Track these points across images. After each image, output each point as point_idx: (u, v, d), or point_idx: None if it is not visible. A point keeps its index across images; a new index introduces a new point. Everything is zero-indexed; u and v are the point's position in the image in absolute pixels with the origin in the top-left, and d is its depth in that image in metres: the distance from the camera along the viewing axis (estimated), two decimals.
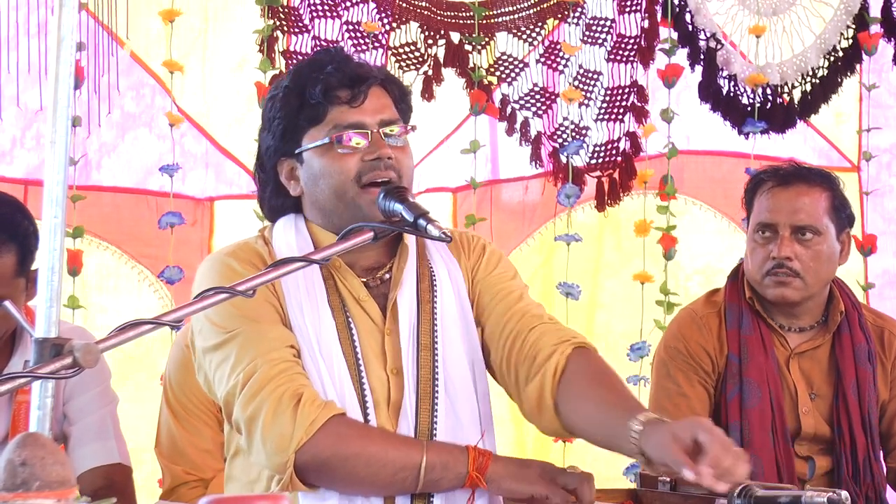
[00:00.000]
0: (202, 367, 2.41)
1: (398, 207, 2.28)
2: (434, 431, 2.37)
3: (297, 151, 2.41)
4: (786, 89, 4.43)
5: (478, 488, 2.31)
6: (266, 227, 2.56)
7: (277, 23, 3.85)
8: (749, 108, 4.36)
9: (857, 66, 4.48)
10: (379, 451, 2.28)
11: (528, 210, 4.30)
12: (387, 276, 2.46)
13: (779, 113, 4.41)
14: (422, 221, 2.22)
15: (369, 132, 2.38)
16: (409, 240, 2.47)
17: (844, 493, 2.29)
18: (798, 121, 4.48)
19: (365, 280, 2.45)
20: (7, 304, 3.00)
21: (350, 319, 2.41)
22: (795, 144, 4.57)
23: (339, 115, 2.38)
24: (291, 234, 2.44)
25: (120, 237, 3.87)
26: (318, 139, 2.39)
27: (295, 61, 3.82)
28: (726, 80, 4.36)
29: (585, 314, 4.32)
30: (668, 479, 2.61)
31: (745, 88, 4.37)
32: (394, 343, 2.42)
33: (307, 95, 2.39)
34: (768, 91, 4.40)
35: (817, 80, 4.46)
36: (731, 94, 4.37)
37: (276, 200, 2.49)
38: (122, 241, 3.88)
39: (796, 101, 4.45)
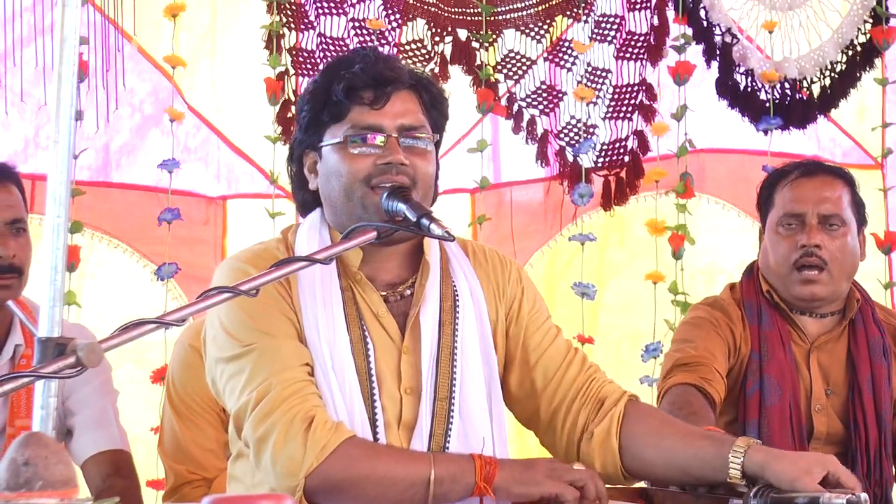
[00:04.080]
0: (211, 372, 2.40)
1: (401, 207, 2.27)
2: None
3: (319, 145, 2.43)
4: (804, 84, 4.39)
5: (485, 496, 2.28)
6: (290, 227, 2.54)
7: (284, 19, 3.85)
8: (766, 104, 4.32)
9: (877, 61, 4.44)
10: (388, 471, 2.26)
11: (549, 211, 4.25)
12: (408, 292, 2.44)
13: (798, 108, 4.36)
14: (424, 221, 2.21)
15: (386, 136, 2.37)
16: (432, 256, 2.45)
17: (864, 496, 2.26)
18: (818, 116, 4.43)
19: (384, 294, 2.43)
20: (10, 303, 3.05)
21: (367, 335, 2.39)
22: (815, 141, 4.52)
23: (359, 116, 2.39)
24: (315, 242, 2.42)
25: (131, 235, 3.87)
26: (336, 136, 2.40)
27: (301, 58, 3.82)
28: (743, 76, 4.31)
29: (589, 314, 4.28)
30: None
31: (762, 84, 4.32)
32: (411, 362, 2.40)
33: (332, 92, 2.40)
34: (787, 86, 4.36)
35: (836, 75, 4.40)
36: (749, 90, 4.32)
37: (300, 193, 2.50)
38: (133, 240, 3.87)
39: (815, 96, 4.40)
